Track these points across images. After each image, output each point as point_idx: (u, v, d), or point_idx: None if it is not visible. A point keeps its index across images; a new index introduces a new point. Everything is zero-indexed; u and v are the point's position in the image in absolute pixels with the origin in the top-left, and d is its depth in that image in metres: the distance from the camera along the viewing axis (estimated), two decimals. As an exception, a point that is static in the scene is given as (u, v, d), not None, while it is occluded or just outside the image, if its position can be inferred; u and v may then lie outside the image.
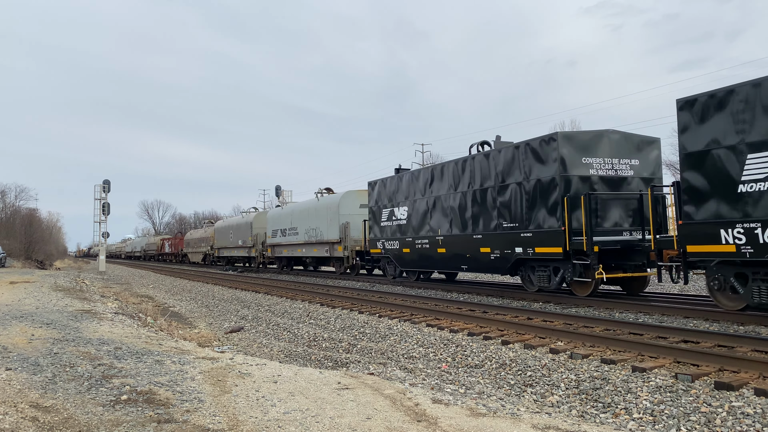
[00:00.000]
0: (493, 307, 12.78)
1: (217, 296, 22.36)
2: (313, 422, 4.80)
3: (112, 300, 19.72)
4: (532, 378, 7.65)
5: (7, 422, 4.43)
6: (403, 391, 6.13)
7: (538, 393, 7.14)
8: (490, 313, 12.07)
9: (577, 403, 6.64)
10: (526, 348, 8.95)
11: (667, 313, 11.24)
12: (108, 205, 52.38)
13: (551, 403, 6.74)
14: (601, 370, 7.43)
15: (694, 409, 5.89)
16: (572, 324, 10.37)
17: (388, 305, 14.39)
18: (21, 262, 51.03)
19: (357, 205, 26.99)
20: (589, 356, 8.07)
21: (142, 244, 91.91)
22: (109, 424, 4.69)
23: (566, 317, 10.91)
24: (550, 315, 11.30)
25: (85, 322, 11.04)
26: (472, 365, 8.63)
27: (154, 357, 7.51)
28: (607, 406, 6.39)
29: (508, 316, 11.74)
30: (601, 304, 12.66)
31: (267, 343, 12.64)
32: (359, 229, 25.15)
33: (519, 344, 9.23)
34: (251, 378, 6.44)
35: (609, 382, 6.96)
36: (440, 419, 4.99)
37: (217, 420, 4.82)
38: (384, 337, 11.10)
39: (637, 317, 11.16)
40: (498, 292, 15.97)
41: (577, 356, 8.07)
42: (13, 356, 7.16)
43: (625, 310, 11.94)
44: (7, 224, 60.25)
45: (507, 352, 8.82)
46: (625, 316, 11.42)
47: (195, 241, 56.55)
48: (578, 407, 6.50)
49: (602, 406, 6.43)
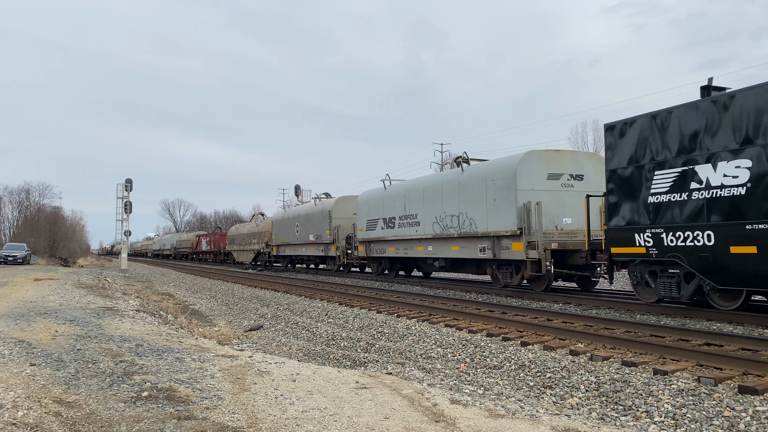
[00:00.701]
0: (513, 308, 12.71)
1: (237, 294, 22.52)
2: (331, 421, 4.81)
3: (134, 297, 19.96)
4: (552, 380, 7.59)
5: (31, 417, 4.50)
6: (421, 391, 6.11)
7: (558, 395, 7.08)
8: (510, 314, 12.01)
9: (597, 405, 6.58)
10: (545, 349, 8.88)
11: (690, 315, 11.08)
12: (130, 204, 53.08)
13: (571, 405, 6.68)
14: (622, 372, 7.35)
15: (717, 413, 5.80)
16: (593, 326, 10.27)
17: (406, 305, 14.38)
18: (45, 259, 51.96)
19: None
20: (610, 358, 7.99)
21: (173, 241, 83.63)
22: (131, 420, 4.74)
23: (587, 319, 10.81)
24: (570, 316, 11.21)
25: (107, 319, 11.19)
26: (491, 366, 8.58)
27: (174, 354, 7.58)
28: (628, 409, 6.31)
29: (528, 317, 11.66)
30: (622, 306, 12.53)
31: (286, 341, 12.70)
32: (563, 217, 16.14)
33: (538, 345, 9.16)
34: (270, 376, 6.48)
35: (630, 385, 6.88)
36: (458, 420, 4.97)
37: (236, 417, 4.85)
38: (402, 337, 11.09)
39: (658, 319, 11.02)
40: (517, 294, 15.87)
41: (598, 358, 7.99)
42: (37, 352, 7.28)
43: (647, 312, 11.80)
44: (32, 222, 61.35)
45: (526, 354, 8.76)
46: (647, 318, 11.28)
47: (243, 237, 46.65)
48: (598, 410, 6.43)
49: (623, 409, 6.35)
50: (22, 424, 4.29)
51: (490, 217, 16.49)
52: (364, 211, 25.04)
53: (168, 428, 4.53)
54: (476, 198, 17.15)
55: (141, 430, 4.51)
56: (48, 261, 51.51)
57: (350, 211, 28.42)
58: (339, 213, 29.27)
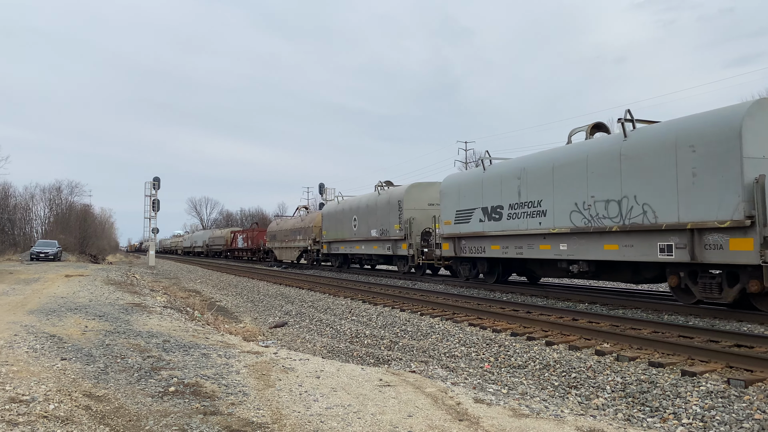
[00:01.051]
0: (537, 308, 12.61)
1: (262, 291, 22.72)
2: (354, 418, 4.84)
3: (161, 294, 20.26)
4: (577, 380, 7.52)
5: (62, 410, 4.60)
6: (445, 389, 6.11)
7: (583, 395, 7.02)
8: (534, 314, 11.91)
9: (624, 406, 6.50)
10: (570, 349, 8.80)
11: (719, 316, 10.88)
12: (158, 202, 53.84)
13: (596, 406, 6.61)
14: (649, 373, 7.25)
15: (747, 416, 5.69)
16: (619, 326, 10.14)
17: (429, 303, 14.37)
18: (75, 256, 53.00)
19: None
20: (636, 359, 7.88)
21: (204, 238, 78.00)
22: (158, 414, 4.82)
23: (613, 318, 10.68)
24: (596, 316, 11.08)
25: (135, 315, 11.38)
26: (515, 366, 8.53)
27: (200, 350, 7.68)
28: (655, 411, 6.23)
29: (553, 316, 11.56)
30: (649, 306, 12.35)
31: (310, 338, 12.78)
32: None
33: (563, 345, 9.08)
34: (294, 373, 6.53)
35: (657, 386, 6.79)
36: (482, 419, 4.95)
37: (261, 413, 4.91)
38: (426, 336, 11.09)
39: (686, 320, 10.84)
40: (542, 293, 15.74)
41: (624, 358, 7.89)
42: (68, 347, 7.44)
43: (674, 313, 11.61)
44: (63, 220, 62.65)
45: (551, 353, 8.69)
46: (674, 318, 11.10)
47: (285, 233, 41.48)
48: (624, 410, 6.36)
49: (650, 410, 6.27)
50: (53, 417, 4.39)
51: (683, 201, 11.15)
52: (452, 200, 19.25)
53: (194, 423, 4.60)
54: (655, 173, 11.76)
55: (168, 424, 4.58)
56: (78, 258, 52.54)
57: (426, 200, 23.91)
58: (411, 203, 23.83)
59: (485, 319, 11.85)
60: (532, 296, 15.54)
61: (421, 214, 23.57)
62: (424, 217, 23.38)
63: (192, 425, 4.55)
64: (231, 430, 4.47)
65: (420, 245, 23.03)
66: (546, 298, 15.17)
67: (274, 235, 44.30)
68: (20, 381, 5.39)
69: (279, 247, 42.95)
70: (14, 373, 5.72)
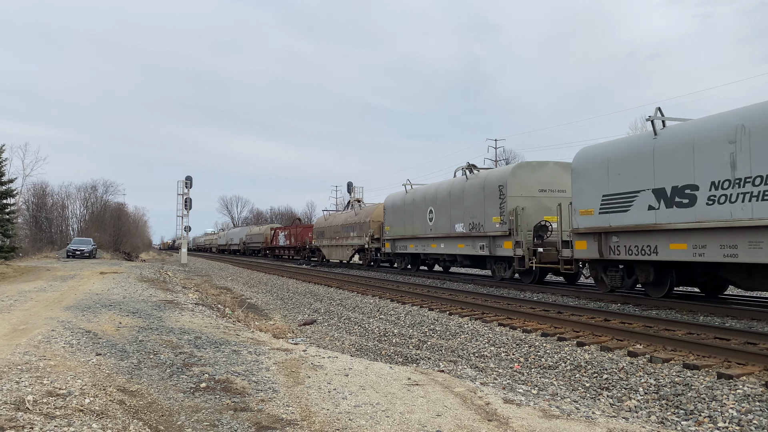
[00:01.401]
0: (569, 308, 12.46)
1: (292, 289, 22.89)
2: (383, 417, 4.84)
3: (193, 291, 20.58)
4: (609, 381, 7.41)
5: (97, 404, 4.70)
6: (474, 389, 6.07)
7: (615, 397, 6.91)
8: (565, 314, 11.77)
9: (657, 408, 6.38)
10: (602, 350, 8.67)
11: (757, 317, 10.60)
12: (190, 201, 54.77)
13: (629, 408, 6.50)
14: (683, 375, 7.10)
15: (786, 421, 5.53)
16: (652, 326, 9.95)
17: (458, 303, 14.30)
18: (110, 253, 54.17)
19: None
20: (670, 360, 7.72)
21: (242, 235, 73.30)
22: (189, 410, 4.89)
23: (646, 319, 10.49)
24: (628, 317, 10.90)
25: (167, 311, 11.57)
26: (546, 366, 8.44)
27: (231, 347, 7.77)
28: (690, 414, 6.10)
29: (584, 317, 11.40)
30: (684, 307, 12.09)
31: (338, 336, 12.83)
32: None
33: (595, 346, 8.95)
34: (323, 370, 6.56)
35: (692, 389, 6.64)
36: (512, 419, 4.91)
37: (290, 410, 4.94)
38: (454, 335, 11.04)
39: (723, 321, 10.58)
40: (574, 293, 15.54)
41: (658, 360, 7.74)
42: (102, 342, 7.60)
43: (711, 314, 11.34)
44: (97, 218, 64.08)
45: (582, 354, 8.57)
46: (711, 319, 10.85)
47: (336, 229, 36.54)
48: (658, 413, 6.24)
49: (684, 413, 6.14)
50: (89, 411, 4.49)
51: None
52: (593, 180, 14.04)
53: (225, 419, 4.65)
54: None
55: (199, 420, 4.64)
56: (112, 255, 53.68)
57: (536, 184, 18.07)
58: (517, 188, 17.93)
59: (515, 319, 11.75)
60: (563, 296, 15.36)
61: (530, 203, 17.72)
62: (534, 207, 17.70)
63: (222, 421, 4.61)
64: (261, 426, 4.51)
65: (532, 243, 17.13)
66: (578, 298, 14.98)
67: (322, 232, 39.46)
68: (57, 375, 5.52)
69: (328, 245, 38.13)
70: (51, 367, 5.86)
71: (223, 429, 4.44)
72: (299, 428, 4.49)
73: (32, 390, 4.92)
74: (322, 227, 39.88)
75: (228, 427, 4.47)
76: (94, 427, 4.12)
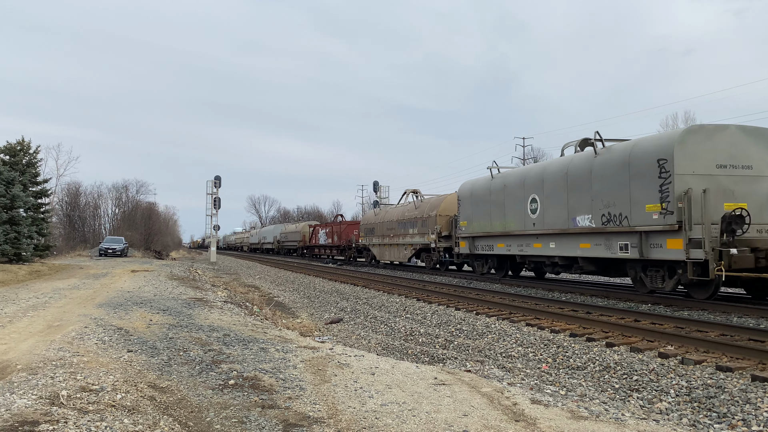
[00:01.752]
0: (597, 308, 12.29)
1: (318, 288, 23.02)
2: (409, 416, 4.84)
3: (222, 289, 20.83)
4: (639, 383, 7.29)
5: (128, 400, 4.79)
6: (501, 389, 6.03)
7: (645, 399, 6.80)
8: (594, 314, 11.62)
9: (689, 411, 6.26)
10: (632, 351, 8.54)
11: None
12: (219, 200, 55.47)
13: (659, 410, 6.39)
14: (716, 377, 6.96)
15: (824, 426, 5.38)
16: (684, 327, 9.77)
17: (485, 303, 14.22)
18: (141, 252, 55.15)
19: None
20: (703, 362, 7.57)
21: (276, 233, 68.29)
22: (218, 407, 4.96)
23: (677, 320, 10.30)
24: (659, 317, 10.72)
25: (197, 309, 11.73)
26: (574, 367, 8.35)
27: (259, 344, 7.85)
28: (723, 417, 5.97)
29: (614, 317, 11.24)
30: (717, 308, 11.84)
31: (365, 335, 12.86)
32: None
33: (625, 347, 8.82)
34: (350, 369, 6.58)
35: (725, 391, 6.50)
36: (539, 420, 4.87)
37: (317, 408, 4.97)
38: (481, 335, 10.98)
39: (758, 323, 10.33)
40: (603, 293, 15.33)
41: (689, 362, 7.59)
42: (134, 339, 7.74)
43: (745, 315, 11.08)
44: (129, 217, 65.27)
45: (612, 355, 8.46)
46: (744, 321, 10.60)
47: (389, 225, 31.79)
48: (689, 416, 6.12)
49: (717, 416, 6.01)
50: (120, 407, 4.58)
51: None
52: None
53: (253, 416, 4.70)
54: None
55: (228, 416, 4.70)
56: (143, 254, 54.63)
57: (712, 159, 12.46)
58: (691, 162, 12.33)
59: (543, 319, 11.64)
60: (591, 296, 15.16)
61: (707, 183, 12.13)
62: (714, 188, 12.09)
63: (250, 418, 4.66)
64: (288, 423, 4.55)
65: (718, 242, 11.61)
66: (606, 298, 14.77)
67: (371, 229, 34.54)
68: (90, 371, 5.64)
69: (379, 244, 33.24)
70: (84, 363, 5.99)
71: (251, 426, 4.49)
72: (326, 426, 4.51)
73: (66, 385, 5.04)
74: (371, 223, 34.85)
75: (256, 424, 4.51)
76: (126, 422, 4.20)
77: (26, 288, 15.66)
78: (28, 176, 27.69)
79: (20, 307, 10.89)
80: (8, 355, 6.32)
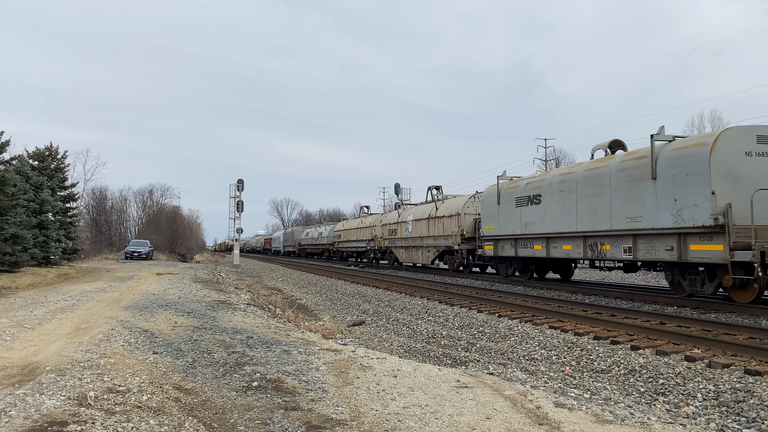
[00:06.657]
0: (622, 311, 12.14)
1: (340, 290, 23.07)
2: (432, 418, 4.83)
3: (245, 292, 20.99)
4: (665, 386, 7.19)
5: (154, 401, 4.86)
6: (524, 392, 5.99)
7: (672, 402, 6.70)
8: (619, 317, 11.48)
9: (716, 416, 6.15)
10: (658, 354, 8.42)
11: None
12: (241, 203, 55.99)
13: (686, 414, 6.29)
14: (745, 381, 6.83)
15: None
16: (711, 330, 9.60)
17: (507, 305, 14.13)
18: (166, 255, 55.78)
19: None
20: (731, 366, 7.44)
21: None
22: (242, 408, 5.00)
23: (704, 323, 10.13)
24: (685, 320, 10.55)
25: (220, 311, 11.85)
26: (598, 370, 8.26)
27: (282, 347, 7.90)
28: (752, 421, 5.86)
29: (639, 320, 11.10)
30: (745, 311, 11.61)
31: (387, 337, 12.86)
32: None
33: (650, 350, 8.70)
34: (372, 371, 6.59)
35: (754, 395, 6.38)
36: (563, 424, 4.82)
37: (339, 410, 4.99)
38: (504, 338, 10.92)
39: (788, 326, 10.12)
40: (628, 295, 15.13)
41: (717, 365, 7.46)
42: (159, 341, 7.84)
43: (774, 318, 10.86)
44: (154, 221, 66.13)
45: (637, 358, 8.35)
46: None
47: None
48: (717, 420, 6.02)
49: (745, 420, 5.90)
50: (146, 408, 4.64)
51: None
52: None
53: (276, 418, 4.74)
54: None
55: (251, 418, 4.74)
56: (168, 257, 55.28)
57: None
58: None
59: (566, 321, 11.53)
60: (616, 299, 14.98)
61: None
62: None
63: (274, 420, 4.69)
64: (311, 425, 4.57)
65: None
66: (631, 300, 14.58)
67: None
68: (117, 373, 5.73)
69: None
70: (111, 365, 6.09)
71: (275, 427, 4.52)
72: (348, 428, 4.53)
73: (93, 386, 5.12)
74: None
75: (279, 426, 4.55)
76: (152, 423, 4.26)
77: (55, 291, 15.96)
78: (56, 181, 28.22)
79: (49, 310, 11.10)
80: (37, 357, 6.45)
